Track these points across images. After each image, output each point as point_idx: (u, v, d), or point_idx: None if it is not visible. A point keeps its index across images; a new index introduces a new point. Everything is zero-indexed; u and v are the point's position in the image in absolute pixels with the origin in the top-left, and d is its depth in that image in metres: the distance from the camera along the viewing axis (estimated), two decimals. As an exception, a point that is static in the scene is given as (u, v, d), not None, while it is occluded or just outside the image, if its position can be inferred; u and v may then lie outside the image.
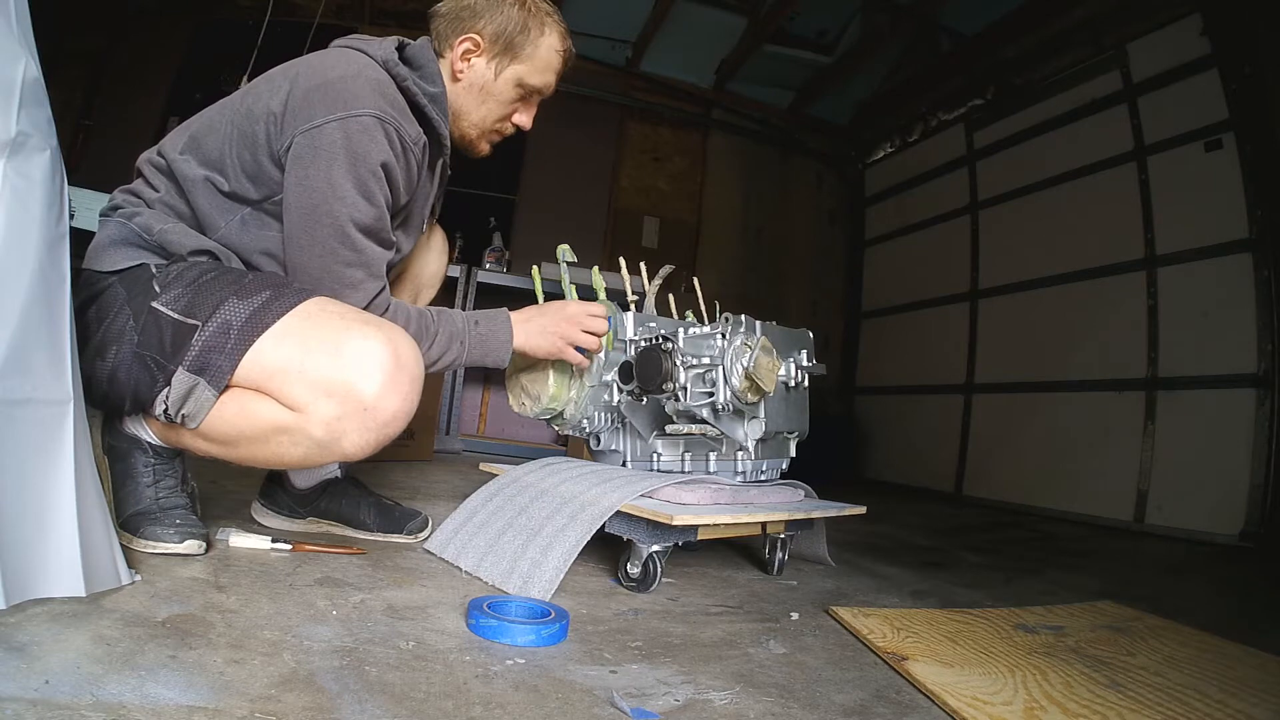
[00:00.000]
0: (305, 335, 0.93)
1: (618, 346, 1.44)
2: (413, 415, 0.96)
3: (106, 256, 1.02)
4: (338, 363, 0.90)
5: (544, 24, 1.19)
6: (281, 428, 0.92)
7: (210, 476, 1.59)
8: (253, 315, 0.93)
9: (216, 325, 0.92)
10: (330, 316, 0.95)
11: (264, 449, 0.95)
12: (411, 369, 0.94)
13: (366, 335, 0.93)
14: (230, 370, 0.91)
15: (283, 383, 0.91)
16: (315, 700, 0.64)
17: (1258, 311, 2.60)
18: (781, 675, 0.87)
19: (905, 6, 3.67)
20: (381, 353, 0.92)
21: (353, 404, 0.90)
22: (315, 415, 0.90)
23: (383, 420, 0.92)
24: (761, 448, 1.42)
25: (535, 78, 1.20)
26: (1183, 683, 0.95)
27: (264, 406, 0.93)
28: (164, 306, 0.95)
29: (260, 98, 1.05)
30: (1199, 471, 2.69)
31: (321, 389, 0.90)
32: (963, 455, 3.73)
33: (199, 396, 0.92)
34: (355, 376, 0.90)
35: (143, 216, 1.04)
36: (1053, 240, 3.39)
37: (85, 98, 3.63)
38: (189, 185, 1.06)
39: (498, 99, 1.21)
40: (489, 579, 1.12)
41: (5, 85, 0.71)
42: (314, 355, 0.91)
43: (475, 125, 1.23)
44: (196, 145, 1.07)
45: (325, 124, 1.00)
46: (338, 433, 0.91)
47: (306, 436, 0.92)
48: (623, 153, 4.31)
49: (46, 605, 0.73)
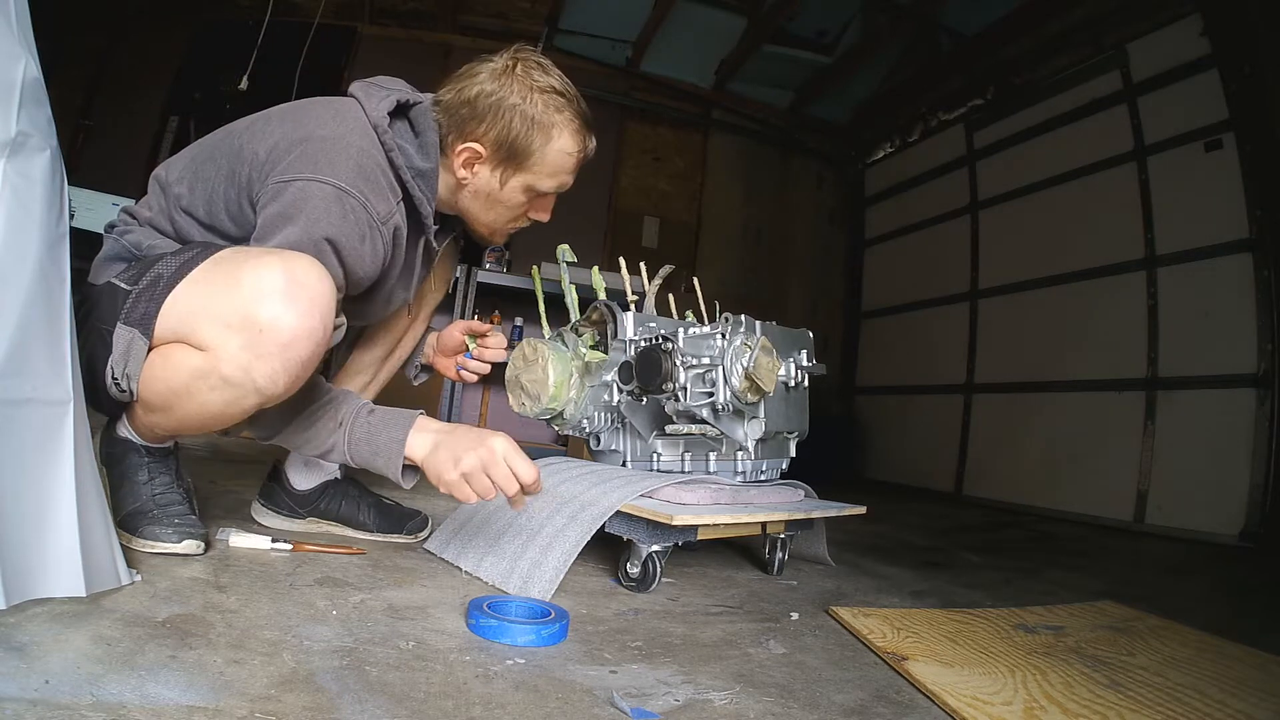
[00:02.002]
0: (212, 276, 0.92)
1: (617, 347, 1.44)
2: (321, 338, 0.91)
3: (100, 271, 1.06)
4: (236, 293, 0.88)
5: (552, 128, 1.08)
6: (198, 372, 0.90)
7: (210, 476, 1.60)
8: (181, 265, 0.94)
9: (149, 279, 0.94)
10: (238, 254, 0.94)
11: (190, 402, 0.92)
12: (312, 286, 0.89)
13: (261, 262, 0.90)
14: (156, 314, 0.91)
15: (193, 326, 0.90)
16: (315, 700, 0.64)
17: (1258, 311, 2.60)
18: (781, 675, 0.87)
19: (905, 6, 3.67)
20: (274, 273, 0.88)
21: (251, 329, 0.87)
22: (223, 351, 0.88)
23: (283, 340, 0.87)
24: (761, 448, 1.42)
25: (546, 183, 1.12)
26: (1183, 683, 0.95)
27: (181, 354, 0.91)
28: (118, 279, 0.99)
29: (254, 139, 1.04)
30: (1199, 471, 2.69)
31: (223, 323, 0.88)
32: (962, 455, 3.73)
33: (136, 349, 0.92)
34: (250, 301, 0.87)
35: (133, 234, 1.07)
36: (1053, 240, 3.39)
37: (85, 98, 3.63)
38: (175, 211, 1.08)
39: (506, 205, 1.14)
40: (489, 579, 1.12)
41: (5, 85, 0.71)
42: (217, 293, 0.90)
43: (488, 225, 1.19)
44: (194, 173, 1.08)
45: (293, 181, 0.98)
46: (244, 364, 0.87)
47: (219, 377, 0.89)
48: (623, 153, 4.31)
49: (46, 605, 0.73)
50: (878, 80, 4.33)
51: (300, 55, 3.41)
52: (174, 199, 1.08)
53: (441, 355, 1.43)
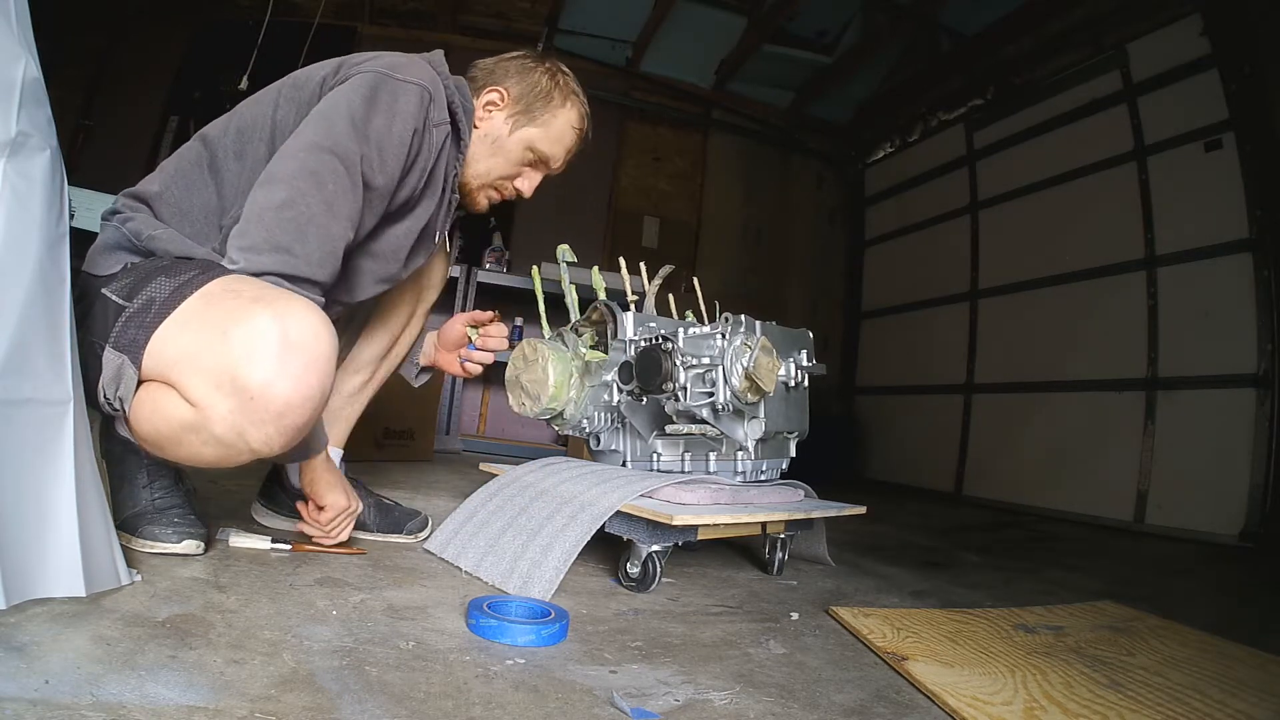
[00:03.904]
0: (202, 320, 0.87)
1: (617, 347, 1.44)
2: (319, 400, 0.86)
3: (100, 261, 1.02)
4: (224, 350, 0.82)
5: (567, 99, 1.24)
6: (188, 425, 0.85)
7: (210, 476, 1.59)
8: (175, 291, 0.90)
9: (142, 301, 0.90)
10: (228, 296, 0.88)
11: (182, 449, 0.88)
12: (307, 347, 0.83)
13: (252, 314, 0.83)
14: (144, 344, 0.87)
15: (180, 374, 0.85)
16: (315, 700, 0.64)
17: (1258, 311, 2.60)
18: (781, 675, 0.87)
19: (905, 6, 3.67)
20: (267, 332, 0.81)
21: (242, 395, 0.81)
22: (213, 413, 0.82)
23: (275, 410, 0.82)
24: (761, 448, 1.42)
25: (545, 145, 1.24)
26: (1183, 683, 0.95)
27: (171, 403, 0.86)
28: (111, 293, 0.94)
29: (311, 76, 1.09)
30: (1199, 471, 2.69)
31: (213, 382, 0.82)
32: (962, 455, 3.73)
33: (126, 377, 0.88)
34: (240, 364, 0.81)
35: (134, 222, 1.03)
36: (1053, 240, 3.39)
37: (85, 98, 3.63)
38: (226, 165, 1.07)
39: (506, 156, 1.23)
40: (489, 579, 1.12)
41: (5, 85, 0.71)
42: (205, 343, 0.84)
43: (479, 176, 1.24)
44: (239, 139, 1.08)
45: (370, 71, 1.04)
46: (237, 429, 0.82)
47: (211, 435, 0.84)
48: (623, 153, 4.31)
49: (46, 605, 0.73)
50: (878, 80, 4.33)
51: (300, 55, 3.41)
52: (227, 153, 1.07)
53: (444, 350, 1.43)
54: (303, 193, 0.94)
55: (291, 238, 0.93)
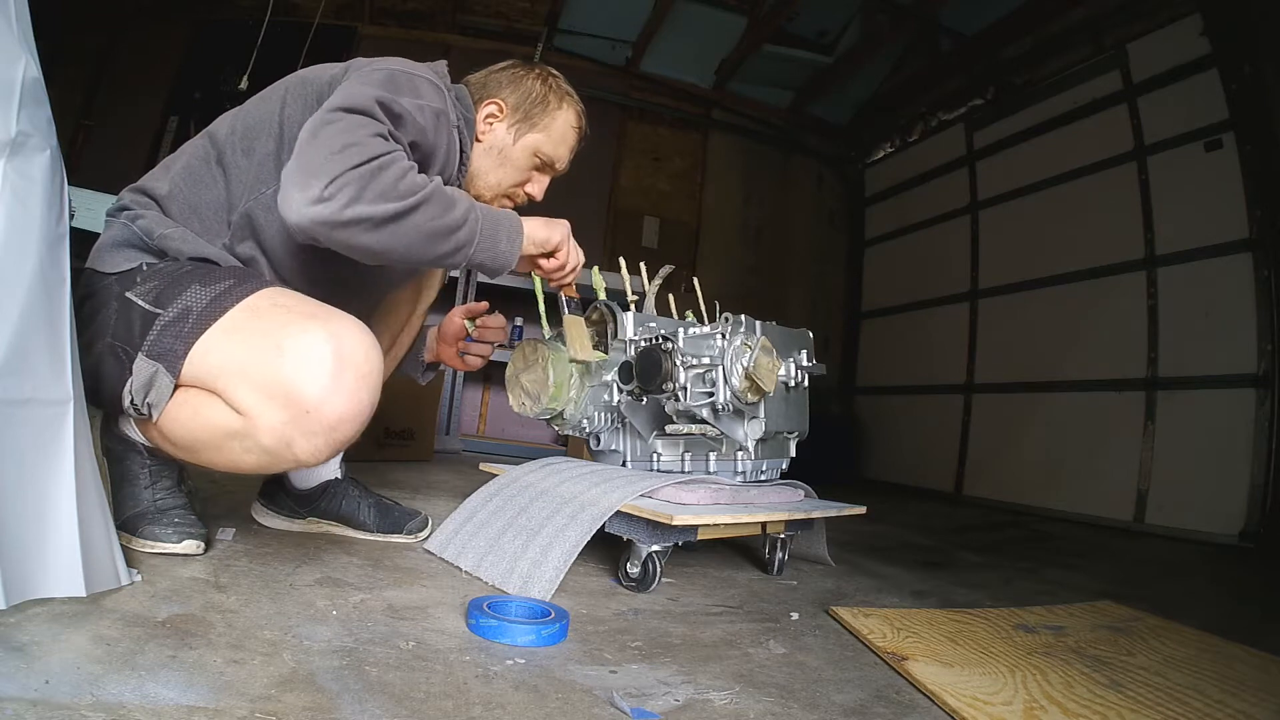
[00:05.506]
0: (250, 331, 0.89)
1: (617, 347, 1.44)
2: (368, 415, 0.90)
3: (108, 258, 1.01)
4: (278, 363, 0.86)
5: (563, 100, 1.26)
6: (233, 433, 0.88)
7: (210, 476, 1.59)
8: (213, 301, 0.91)
9: (178, 310, 0.91)
10: (277, 310, 0.91)
11: (220, 455, 0.91)
12: (359, 364, 0.88)
13: (307, 329, 0.87)
14: (184, 354, 0.89)
15: (228, 384, 0.88)
16: (315, 700, 0.64)
17: (1258, 311, 2.60)
18: (781, 675, 0.87)
19: (905, 6, 3.67)
20: (323, 349, 0.86)
21: (296, 408, 0.85)
22: (262, 422, 0.86)
23: (329, 424, 0.86)
24: (761, 448, 1.42)
25: (550, 148, 1.25)
26: (1183, 683, 0.95)
27: (215, 410, 0.89)
28: (136, 297, 0.95)
29: (320, 75, 1.08)
30: (1199, 471, 2.69)
31: (264, 392, 0.86)
32: (962, 455, 3.73)
33: (159, 385, 0.90)
34: (296, 378, 0.85)
35: (145, 219, 1.02)
36: (1053, 240, 3.40)
37: (85, 98, 3.64)
38: (234, 162, 1.05)
39: (514, 165, 1.24)
40: (489, 579, 1.12)
41: (5, 85, 0.71)
42: (256, 354, 0.87)
43: (492, 187, 1.24)
44: (246, 137, 1.07)
45: (384, 69, 1.03)
46: (286, 439, 0.86)
47: (256, 444, 0.88)
48: (623, 153, 4.31)
49: (46, 605, 0.73)
50: (878, 80, 4.33)
51: (300, 55, 3.41)
52: (234, 151, 1.06)
53: (443, 345, 1.45)
54: (350, 129, 0.92)
55: (356, 154, 0.90)
